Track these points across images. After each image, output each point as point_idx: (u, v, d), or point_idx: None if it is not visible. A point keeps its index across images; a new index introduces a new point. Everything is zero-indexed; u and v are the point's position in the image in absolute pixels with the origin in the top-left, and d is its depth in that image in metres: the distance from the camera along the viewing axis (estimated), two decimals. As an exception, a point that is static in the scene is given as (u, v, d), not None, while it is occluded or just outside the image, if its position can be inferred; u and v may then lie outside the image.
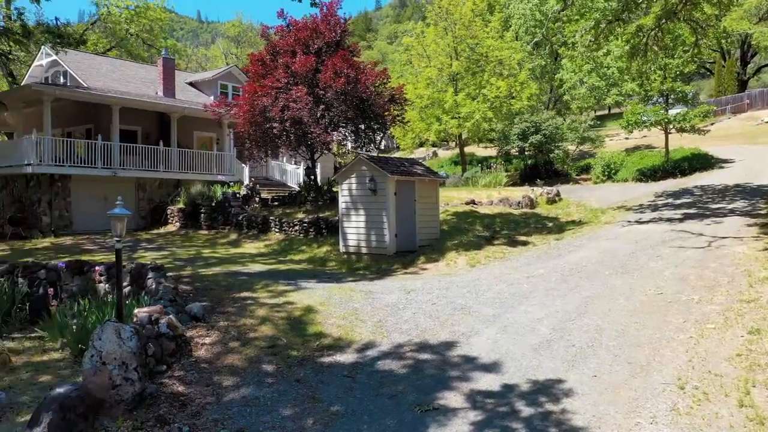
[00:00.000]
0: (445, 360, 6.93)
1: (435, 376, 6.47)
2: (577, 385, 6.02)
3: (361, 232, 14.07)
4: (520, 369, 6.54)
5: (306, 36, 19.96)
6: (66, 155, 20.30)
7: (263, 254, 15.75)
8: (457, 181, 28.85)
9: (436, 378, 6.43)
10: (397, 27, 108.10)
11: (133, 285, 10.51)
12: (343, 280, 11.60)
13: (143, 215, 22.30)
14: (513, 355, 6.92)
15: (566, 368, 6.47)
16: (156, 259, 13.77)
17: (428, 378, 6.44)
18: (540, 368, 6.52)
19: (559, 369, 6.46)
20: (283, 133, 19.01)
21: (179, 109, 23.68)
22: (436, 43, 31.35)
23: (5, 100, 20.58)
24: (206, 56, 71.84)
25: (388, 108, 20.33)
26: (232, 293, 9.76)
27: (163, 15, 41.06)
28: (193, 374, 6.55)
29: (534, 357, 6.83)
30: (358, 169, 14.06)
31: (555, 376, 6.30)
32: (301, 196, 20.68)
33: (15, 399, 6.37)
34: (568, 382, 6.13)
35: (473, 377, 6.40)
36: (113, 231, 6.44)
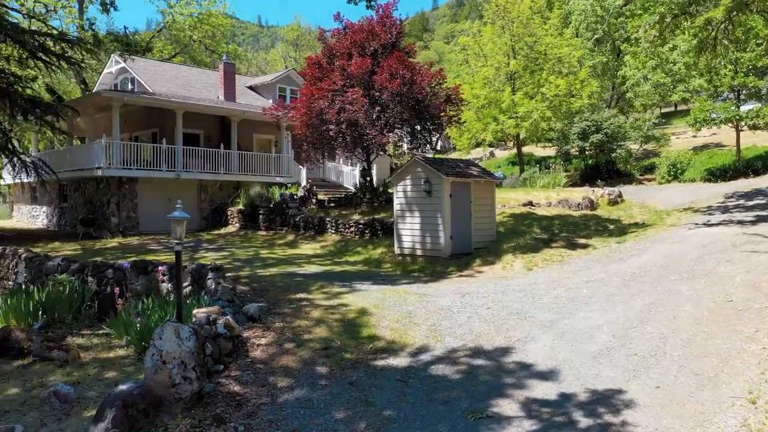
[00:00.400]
0: (499, 366, 6.79)
1: (489, 383, 6.35)
2: (639, 397, 5.78)
3: (416, 234, 14.02)
4: (578, 377, 6.34)
5: (362, 38, 20.08)
6: (133, 158, 21.15)
7: (319, 255, 15.92)
8: (515, 182, 28.37)
9: (490, 384, 6.31)
10: (454, 26, 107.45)
11: (193, 285, 10.81)
12: (397, 282, 11.58)
13: (205, 216, 22.97)
14: (571, 363, 6.72)
15: (627, 378, 6.22)
16: (216, 260, 14.14)
17: (482, 384, 6.33)
18: (599, 377, 6.30)
19: (620, 379, 6.22)
20: (339, 135, 19.18)
21: (239, 112, 24.27)
22: (493, 42, 30.94)
23: (78, 106, 21.61)
24: (266, 60, 73.42)
25: (444, 108, 20.21)
26: (288, 294, 9.90)
27: (224, 21, 42.19)
28: (249, 374, 6.67)
29: (593, 365, 6.61)
30: (413, 170, 14.01)
31: (615, 386, 6.07)
32: (357, 197, 20.82)
33: (83, 394, 6.65)
34: (629, 392, 5.89)
35: (529, 385, 6.24)
36: (173, 234, 6.63)
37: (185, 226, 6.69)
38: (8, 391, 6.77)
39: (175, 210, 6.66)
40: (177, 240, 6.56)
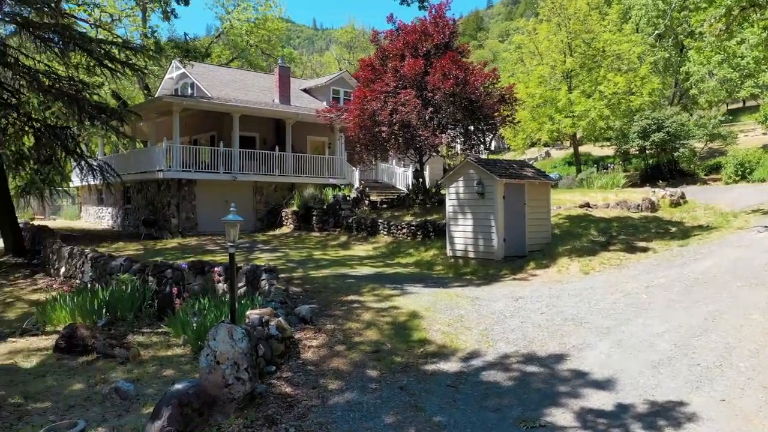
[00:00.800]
0: (553, 374, 6.62)
1: (542, 391, 6.20)
2: (702, 410, 5.51)
3: (469, 236, 13.87)
4: (637, 388, 6.11)
5: (414, 39, 20.04)
6: (192, 161, 21.79)
7: (371, 257, 15.97)
8: (571, 183, 27.71)
9: (543, 393, 6.15)
10: (509, 24, 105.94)
11: (248, 285, 11.03)
12: (449, 285, 11.47)
13: (260, 217, 23.44)
14: (629, 372, 6.48)
15: (689, 389, 5.95)
16: (270, 261, 14.39)
17: (535, 392, 6.18)
18: (659, 388, 6.05)
19: (681, 390, 5.96)
20: (392, 137, 19.20)
21: (293, 115, 24.64)
22: (548, 39, 30.35)
23: (140, 111, 22.43)
24: (320, 62, 74.33)
25: (497, 108, 19.95)
26: (340, 296, 9.95)
27: (280, 25, 42.98)
28: (300, 376, 6.73)
29: (652, 375, 6.36)
30: (465, 172, 13.87)
31: (676, 397, 5.81)
32: (409, 198, 20.79)
33: (142, 391, 6.86)
34: (692, 405, 5.63)
35: (584, 394, 6.06)
36: (227, 236, 6.76)
37: (239, 229, 6.82)
38: (74, 387, 7.06)
39: (229, 213, 6.79)
40: (231, 243, 6.69)
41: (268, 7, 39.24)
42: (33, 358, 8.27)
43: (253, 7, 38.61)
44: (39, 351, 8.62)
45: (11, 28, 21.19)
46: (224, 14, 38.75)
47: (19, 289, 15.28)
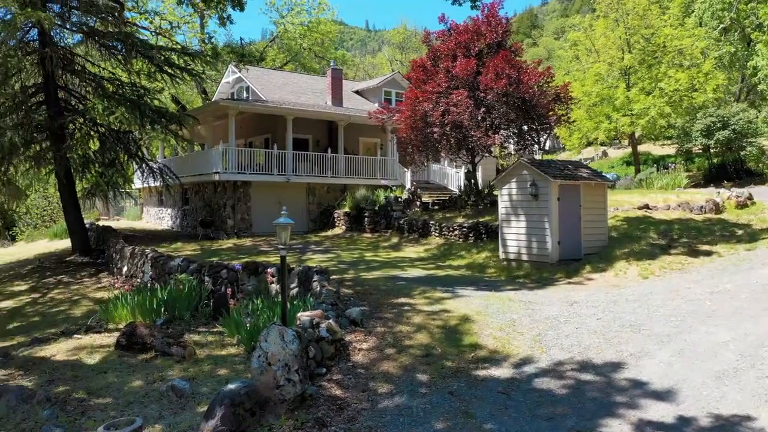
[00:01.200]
0: (609, 383, 6.41)
1: (598, 400, 6.00)
2: (771, 425, 5.22)
3: (522, 239, 13.61)
4: (699, 399, 5.83)
5: (466, 39, 19.85)
6: (247, 163, 22.26)
7: (422, 258, 15.90)
8: (629, 184, 26.86)
9: (599, 402, 5.96)
10: (564, 21, 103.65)
11: (300, 286, 11.16)
12: (501, 288, 11.29)
13: (312, 218, 23.72)
14: (691, 383, 6.20)
15: (757, 403, 5.64)
16: (322, 262, 14.54)
17: (590, 402, 5.99)
18: (723, 400, 5.76)
19: (748, 403, 5.65)
20: (443, 138, 19.08)
21: (345, 117, 24.84)
22: (606, 36, 29.54)
23: (198, 115, 23.10)
24: (372, 64, 74.74)
25: (552, 107, 19.54)
26: (390, 298, 9.94)
27: (333, 28, 43.45)
28: (350, 379, 6.74)
29: (716, 387, 6.06)
30: (518, 173, 13.62)
31: (742, 411, 5.52)
32: (461, 200, 20.61)
33: (197, 389, 7.02)
34: (760, 419, 5.34)
35: (642, 405, 5.83)
36: (278, 239, 6.85)
37: (289, 232, 6.90)
38: (133, 383, 7.29)
39: (280, 216, 6.87)
40: (282, 245, 6.77)
41: (321, 11, 39.75)
42: (96, 355, 8.60)
43: (307, 11, 39.20)
44: (102, 348, 8.95)
45: (78, 37, 22.22)
46: (278, 18, 39.46)
47: (84, 287, 15.98)
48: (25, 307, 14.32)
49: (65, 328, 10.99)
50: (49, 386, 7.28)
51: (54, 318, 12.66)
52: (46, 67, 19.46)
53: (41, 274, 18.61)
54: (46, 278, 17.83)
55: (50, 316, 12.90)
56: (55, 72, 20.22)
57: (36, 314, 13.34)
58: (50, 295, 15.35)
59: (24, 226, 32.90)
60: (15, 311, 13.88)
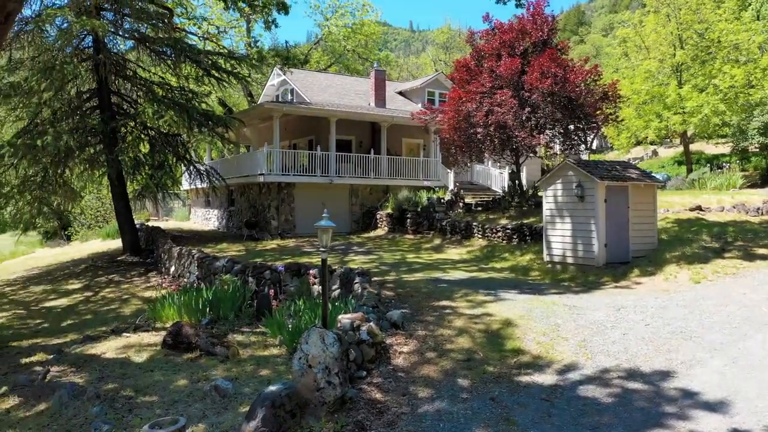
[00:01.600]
0: (658, 392, 6.18)
1: (646, 410, 5.80)
2: (833, 441, 4.94)
3: (567, 241, 13.32)
4: (755, 412, 5.57)
5: (511, 38, 19.58)
6: (290, 165, 22.53)
7: (465, 261, 15.75)
8: (680, 184, 26.00)
9: (647, 412, 5.75)
10: (613, 18, 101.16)
11: (342, 288, 11.21)
12: (545, 291, 11.07)
13: (355, 219, 23.82)
14: (745, 394, 5.93)
15: (818, 417, 5.35)
16: (364, 263, 14.56)
17: (637, 411, 5.79)
18: (781, 414, 5.49)
19: (808, 417, 5.37)
20: (487, 138, 18.87)
21: (388, 118, 24.85)
22: (656, 32, 28.69)
23: (244, 118, 23.51)
24: (416, 64, 74.67)
25: (599, 106, 19.07)
26: (432, 301, 9.87)
27: (376, 29, 43.59)
28: (391, 382, 6.72)
29: (773, 399, 5.78)
30: (563, 174, 13.33)
31: (802, 425, 5.24)
32: (505, 201, 20.33)
33: (239, 390, 7.12)
34: (821, 435, 5.06)
35: (693, 416, 5.60)
36: (319, 241, 6.88)
37: (330, 234, 6.92)
38: (178, 382, 7.45)
39: (322, 219, 6.89)
40: (323, 248, 6.80)
41: (365, 12, 39.94)
42: (144, 353, 8.82)
43: (351, 12, 39.44)
44: (149, 346, 9.18)
45: (130, 43, 22.94)
46: (323, 21, 39.82)
47: (134, 286, 16.46)
48: (79, 305, 14.84)
49: (115, 326, 11.33)
50: (98, 383, 7.51)
51: (105, 316, 13.08)
52: (99, 73, 20.16)
53: (94, 273, 19.27)
54: (98, 277, 18.45)
55: (101, 315, 13.33)
56: (108, 77, 20.93)
57: (88, 312, 13.80)
58: (102, 294, 15.88)
59: (78, 226, 34.15)
60: (69, 309, 14.40)
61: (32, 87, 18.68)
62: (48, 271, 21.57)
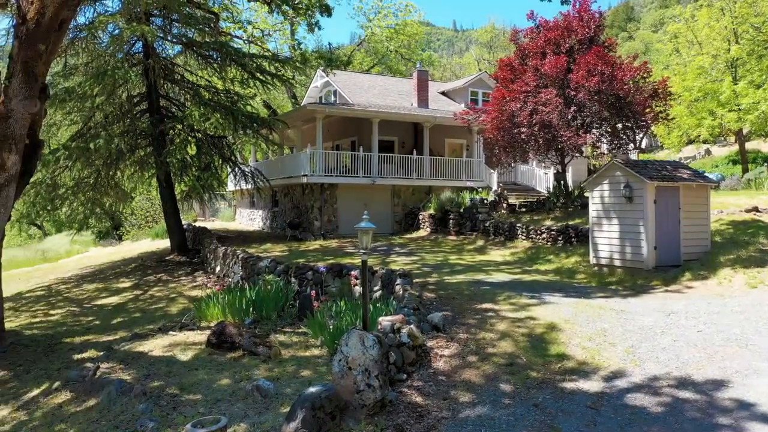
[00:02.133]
0: (711, 402, 5.92)
1: (698, 422, 5.55)
2: None
3: (614, 243, 12.94)
4: (817, 426, 5.27)
5: (556, 35, 19.22)
6: (333, 166, 22.67)
7: (508, 262, 15.51)
8: (735, 184, 25.00)
9: (699, 424, 5.51)
10: (663, 13, 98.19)
11: (383, 289, 11.18)
12: (591, 295, 10.78)
13: (397, 220, 23.79)
14: (806, 407, 5.62)
15: None
16: (406, 265, 14.51)
17: (689, 422, 5.55)
18: None
19: None
20: (531, 138, 18.57)
21: (431, 118, 24.72)
22: (709, 26, 27.69)
23: (287, 119, 23.79)
24: (459, 64, 74.17)
25: (649, 104, 18.53)
26: (474, 304, 9.74)
27: (419, 29, 43.48)
28: (431, 386, 6.64)
29: (837, 412, 5.46)
30: (610, 174, 12.97)
31: None
32: (550, 201, 19.95)
33: (280, 390, 7.16)
34: None
35: (749, 429, 5.33)
36: (360, 243, 6.86)
37: (371, 236, 6.89)
38: (221, 381, 7.55)
39: (362, 220, 6.88)
40: (363, 249, 6.77)
41: (408, 13, 39.86)
42: (188, 352, 8.98)
43: (393, 13, 39.45)
44: (194, 345, 9.35)
45: (178, 48, 23.50)
46: (365, 22, 39.95)
47: (181, 285, 16.82)
48: (128, 303, 15.26)
49: (162, 325, 11.60)
50: (145, 381, 7.68)
51: (153, 314, 13.41)
52: (149, 77, 20.72)
53: (143, 271, 19.81)
54: (147, 276, 18.95)
55: (149, 313, 13.67)
56: (157, 81, 21.49)
57: (137, 310, 14.18)
58: (150, 293, 16.29)
59: (129, 226, 35.21)
60: (119, 307, 14.82)
61: (85, 92, 19.31)
62: (100, 269, 22.28)
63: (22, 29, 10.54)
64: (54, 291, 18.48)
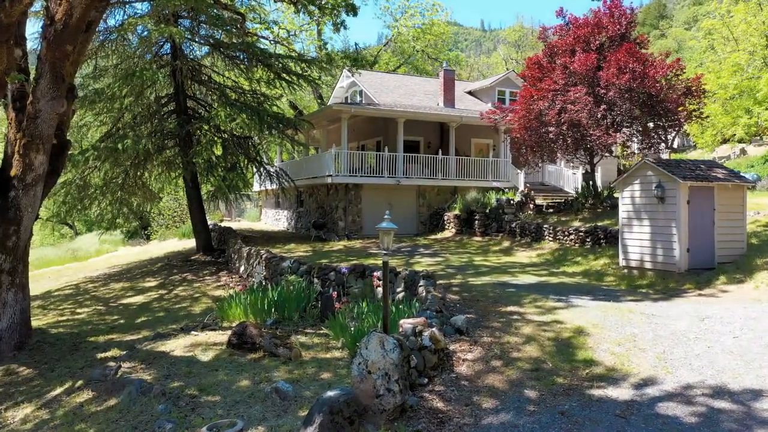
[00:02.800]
0: (749, 413, 5.62)
1: (734, 433, 5.28)
2: None
3: (645, 245, 12.55)
4: None
5: (586, 33, 18.81)
6: (358, 166, 22.58)
7: (535, 264, 15.20)
8: (773, 184, 24.20)
9: (735, 435, 5.23)
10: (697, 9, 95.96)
11: (406, 291, 11.01)
12: (620, 298, 10.45)
13: (422, 221, 23.58)
14: None
15: None
16: (430, 266, 14.32)
17: (725, 434, 5.28)
18: None
19: None
20: (560, 137, 18.20)
21: (457, 118, 24.46)
22: (746, 22, 26.89)
23: (313, 119, 23.78)
24: (487, 64, 73.60)
25: (682, 102, 18.00)
26: (499, 306, 9.51)
27: (446, 29, 43.18)
28: (453, 391, 6.46)
29: None
30: (642, 174, 12.58)
31: None
32: (578, 202, 19.52)
33: (300, 393, 7.05)
34: None
35: (790, 442, 5.04)
36: (381, 244, 6.71)
37: (392, 236, 6.73)
38: (241, 383, 7.47)
39: (383, 221, 6.72)
40: (385, 250, 6.62)
41: (435, 12, 39.59)
42: (209, 352, 8.93)
43: (420, 12, 39.20)
44: (215, 345, 9.30)
45: (206, 49, 23.66)
46: (392, 22, 39.80)
47: (205, 285, 16.88)
48: (153, 302, 15.35)
49: (185, 324, 11.61)
50: (165, 381, 7.64)
51: (176, 314, 13.45)
52: (176, 78, 20.90)
53: (169, 271, 19.95)
54: (172, 275, 19.08)
55: (173, 312, 13.72)
56: (185, 82, 21.66)
57: (161, 310, 14.24)
58: (175, 292, 16.37)
59: (157, 226, 35.64)
60: (144, 306, 14.92)
61: (114, 93, 19.54)
62: (128, 268, 22.54)
63: (50, 30, 10.66)
64: (82, 290, 18.72)
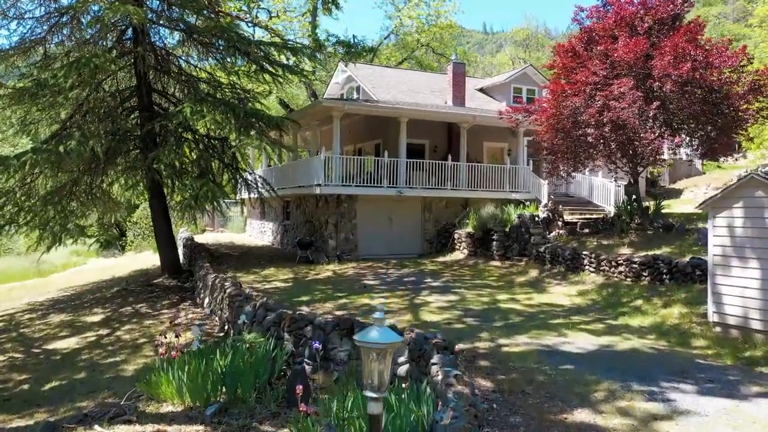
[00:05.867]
0: None
1: None
2: None
3: (753, 295, 8.83)
4: None
5: (632, 13, 15.34)
6: (353, 173, 19.08)
7: (581, 309, 11.58)
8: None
9: None
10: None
11: (412, 363, 7.52)
12: (741, 389, 6.86)
13: (428, 239, 20.02)
14: None
15: None
16: (441, 308, 10.88)
17: None
18: None
19: None
20: (600, 141, 14.74)
21: (470, 118, 20.90)
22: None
23: (300, 118, 20.25)
24: (492, 63, 70.82)
25: (748, 99, 14.57)
26: (557, 409, 6.00)
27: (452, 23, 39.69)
28: None
29: None
30: (746, 195, 8.96)
31: None
32: (622, 221, 15.88)
33: None
34: None
35: None
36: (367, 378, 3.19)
37: (390, 360, 3.26)
38: None
39: (375, 312, 3.24)
40: (372, 391, 3.13)
41: (441, 2, 35.91)
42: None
43: (425, 2, 35.54)
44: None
45: (177, 36, 20.17)
46: (394, 12, 36.25)
47: (158, 323, 13.35)
48: (84, 350, 11.86)
49: (96, 404, 8.12)
50: None
51: (101, 376, 9.94)
52: (137, 68, 17.43)
53: (123, 299, 16.49)
54: (125, 305, 15.64)
55: (98, 371, 10.22)
56: (148, 73, 18.19)
57: (86, 365, 10.75)
58: (117, 333, 12.88)
59: (134, 236, 32.20)
60: (70, 357, 11.43)
61: (59, 84, 16.10)
62: (80, 293, 19.10)
63: None
64: (13, 323, 15.26)
